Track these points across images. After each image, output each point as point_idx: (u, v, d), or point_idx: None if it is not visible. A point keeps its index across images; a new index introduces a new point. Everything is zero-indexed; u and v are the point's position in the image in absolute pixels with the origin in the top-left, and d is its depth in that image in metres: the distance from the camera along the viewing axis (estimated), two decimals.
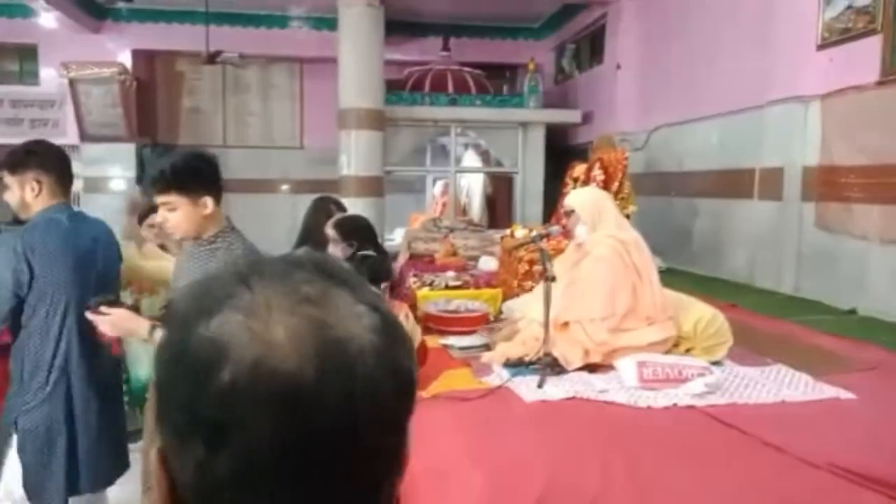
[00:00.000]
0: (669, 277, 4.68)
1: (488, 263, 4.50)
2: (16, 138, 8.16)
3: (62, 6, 7.20)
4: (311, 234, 3.24)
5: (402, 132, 7.25)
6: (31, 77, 8.38)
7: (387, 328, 0.47)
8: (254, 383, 0.42)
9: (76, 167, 7.56)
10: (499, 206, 8.07)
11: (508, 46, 8.86)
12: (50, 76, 8.18)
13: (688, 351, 2.75)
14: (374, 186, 6.63)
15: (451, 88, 7.42)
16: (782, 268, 4.43)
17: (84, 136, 8.08)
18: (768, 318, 3.67)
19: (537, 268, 3.26)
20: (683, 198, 5.69)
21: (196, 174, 1.90)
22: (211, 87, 9.16)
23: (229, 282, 0.47)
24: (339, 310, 0.46)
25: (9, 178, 2.18)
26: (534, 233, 3.06)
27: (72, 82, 7.84)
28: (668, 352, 2.66)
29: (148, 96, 8.68)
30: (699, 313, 2.82)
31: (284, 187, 9.13)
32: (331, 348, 0.44)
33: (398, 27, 7.42)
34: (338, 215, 3.18)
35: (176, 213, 1.88)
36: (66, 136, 8.17)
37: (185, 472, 0.45)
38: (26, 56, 8.36)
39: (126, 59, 8.23)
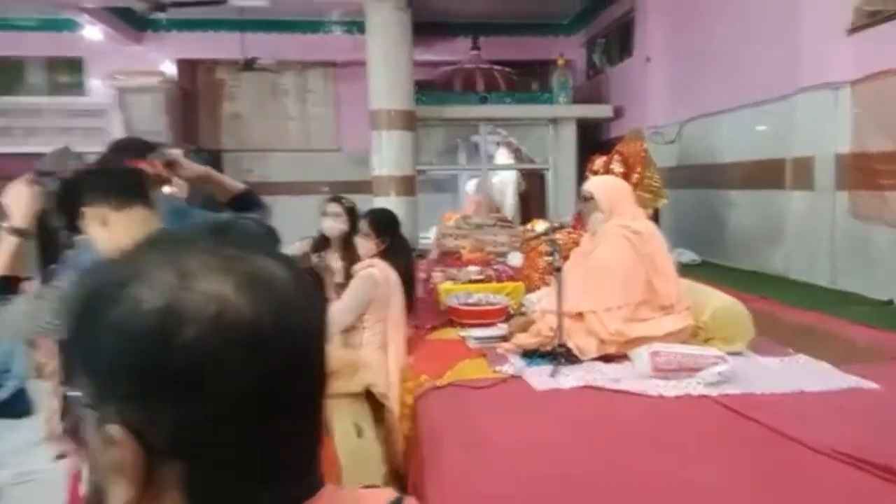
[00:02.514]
0: (703, 271, 4.64)
1: (515, 259, 4.54)
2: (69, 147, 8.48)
3: (105, 19, 7.52)
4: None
5: (434, 131, 7.34)
6: (79, 88, 8.77)
7: (298, 274, 0.53)
8: (218, 336, 0.46)
9: None
10: (531, 203, 8.08)
11: (538, 43, 8.85)
12: (97, 87, 8.55)
13: (706, 341, 2.74)
14: (406, 186, 6.72)
15: (480, 87, 7.47)
16: (817, 259, 4.34)
17: None
18: (798, 310, 3.60)
19: (553, 260, 3.27)
20: (715, 190, 5.60)
21: None
22: (250, 93, 9.42)
23: (147, 257, 0.50)
24: (262, 261, 0.51)
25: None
26: (550, 225, 3.09)
27: (119, 92, 8.19)
28: (685, 342, 2.66)
29: (190, 103, 8.99)
30: (717, 303, 2.80)
31: (324, 188, 9.29)
32: (273, 294, 0.49)
33: (427, 28, 7.50)
34: (369, 209, 3.26)
35: None
36: None
37: (162, 434, 0.46)
38: (74, 68, 8.76)
39: (167, 68, 8.54)
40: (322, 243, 3.43)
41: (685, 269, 3.55)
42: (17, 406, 4.52)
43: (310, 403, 0.53)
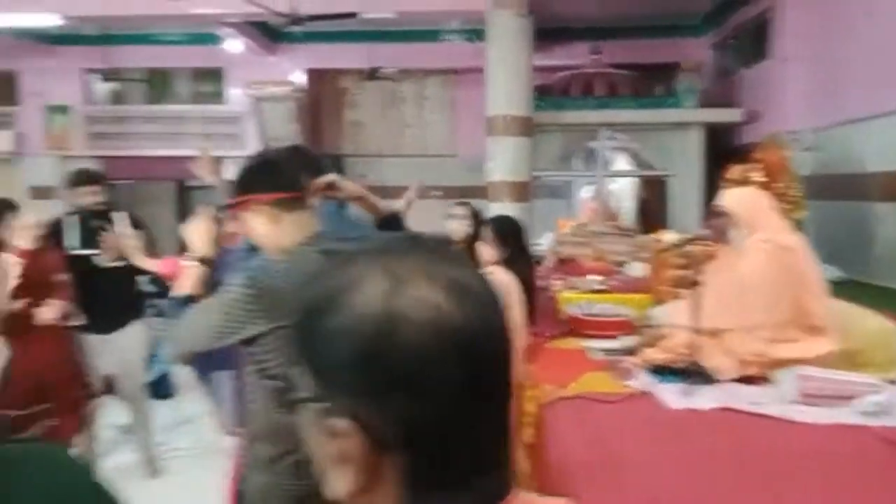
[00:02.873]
0: (850, 289, 4.27)
1: (637, 269, 4.40)
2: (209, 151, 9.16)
3: (245, 32, 8.08)
4: None
5: (551, 137, 7.27)
6: (219, 97, 9.48)
7: (485, 279, 0.57)
8: (434, 339, 0.50)
9: None
10: (651, 212, 7.80)
11: (663, 46, 8.54)
12: (235, 95, 9.19)
13: (857, 367, 2.52)
14: (521, 192, 6.70)
15: (600, 91, 7.32)
16: None
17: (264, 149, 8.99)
18: None
19: (686, 273, 3.14)
20: (860, 201, 5.15)
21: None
22: (371, 101, 9.77)
23: (359, 265, 0.54)
24: (458, 268, 0.55)
25: None
26: (683, 237, 2.96)
27: (255, 100, 8.77)
28: (833, 367, 2.46)
29: (316, 111, 9.46)
30: (870, 325, 2.57)
31: (437, 193, 9.45)
32: (474, 299, 0.53)
33: (546, 33, 7.44)
34: (494, 216, 3.29)
35: None
36: (247, 148, 9.13)
37: (386, 428, 0.51)
38: (215, 78, 9.48)
39: (297, 77, 9.04)
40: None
41: (830, 288, 3.28)
42: (162, 388, 4.93)
43: (506, 401, 0.56)
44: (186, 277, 1.75)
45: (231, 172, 2.69)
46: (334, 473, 0.53)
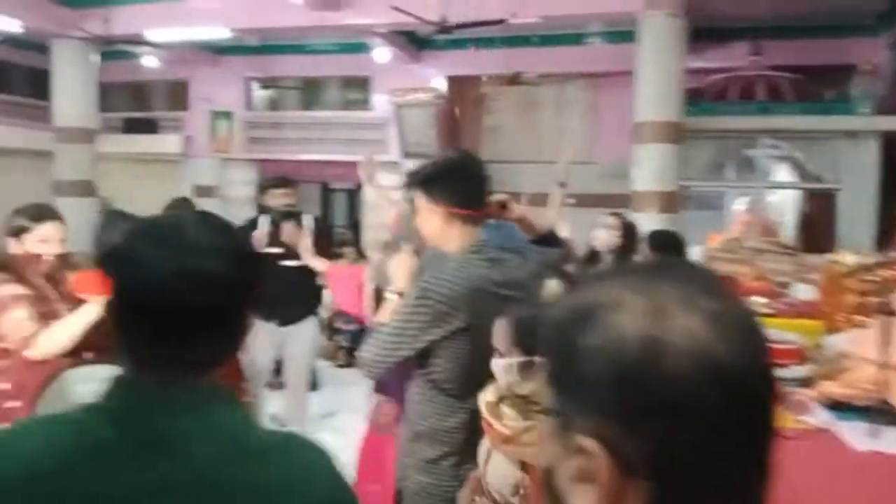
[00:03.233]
0: None
1: (804, 292, 3.99)
2: (352, 156, 9.65)
3: (392, 41, 8.35)
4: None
5: (702, 144, 6.84)
6: (365, 103, 9.88)
7: (748, 310, 0.55)
8: (695, 369, 0.49)
9: (396, 181, 8.50)
10: (816, 228, 7.09)
11: (833, 46, 7.74)
12: (380, 102, 9.53)
13: None
14: (667, 202, 6.35)
15: (761, 95, 6.78)
16: None
17: (404, 154, 9.24)
18: None
19: (871, 300, 2.79)
20: None
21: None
22: (509, 107, 9.73)
23: (619, 285, 0.54)
24: (722, 300, 0.53)
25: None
26: (870, 260, 2.62)
27: (398, 107, 9.04)
28: None
29: (456, 117, 9.58)
30: None
31: (571, 201, 9.22)
32: (738, 333, 0.51)
33: (700, 34, 7.02)
34: (655, 230, 3.12)
35: None
36: (389, 153, 9.45)
37: (637, 452, 0.50)
38: (363, 86, 9.90)
39: (439, 84, 9.21)
40: (592, 257, 3.35)
41: None
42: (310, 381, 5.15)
43: (766, 439, 0.53)
44: (386, 309, 1.82)
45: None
46: (575, 491, 0.52)
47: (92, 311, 2.07)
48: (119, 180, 9.64)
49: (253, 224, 3.80)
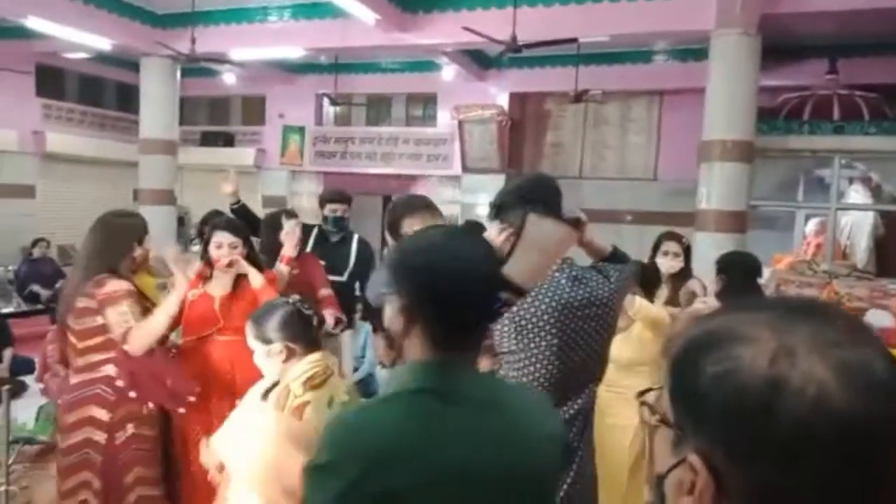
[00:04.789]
0: None
1: (880, 318, 3.89)
2: (415, 170, 9.83)
3: (459, 60, 8.53)
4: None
5: (773, 164, 6.72)
6: (430, 120, 10.11)
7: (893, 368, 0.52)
8: (812, 416, 0.49)
9: (456, 194, 8.63)
10: (891, 251, 6.84)
11: None
12: (444, 118, 9.73)
13: None
14: (735, 222, 6.24)
15: (836, 115, 6.61)
16: None
17: (465, 168, 9.40)
18: None
19: None
20: None
21: None
22: (573, 123, 9.78)
23: (750, 320, 0.55)
24: (861, 349, 0.52)
25: None
26: None
27: (460, 123, 9.21)
28: None
29: (517, 133, 9.68)
30: None
31: (629, 218, 9.15)
32: (871, 384, 0.50)
33: (774, 51, 6.91)
34: (730, 252, 3.11)
35: None
36: (451, 168, 9.63)
37: (738, 481, 0.51)
38: (429, 103, 10.13)
39: (503, 101, 9.33)
40: (651, 276, 3.34)
41: None
42: (368, 388, 5.30)
43: (886, 495, 0.51)
44: None
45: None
46: (675, 499, 0.55)
47: (170, 308, 2.27)
48: (196, 190, 10.15)
49: (308, 233, 3.80)
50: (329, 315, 3.10)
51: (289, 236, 3.06)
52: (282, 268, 2.97)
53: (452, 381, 1.01)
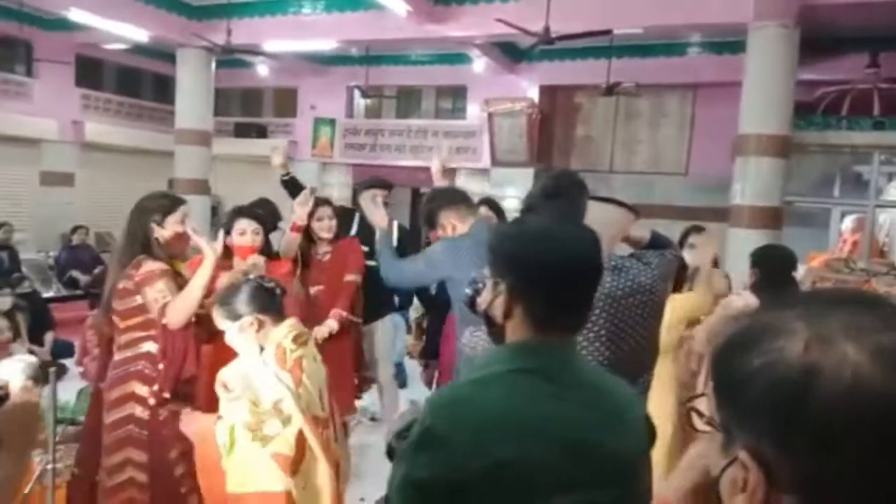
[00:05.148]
0: None
1: None
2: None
3: (490, 52, 8.52)
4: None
5: (809, 159, 6.61)
6: (460, 112, 10.11)
7: None
8: (851, 401, 0.49)
9: (484, 188, 8.64)
10: None
11: None
12: (474, 111, 9.73)
13: None
14: (769, 218, 6.15)
15: (876, 110, 6.47)
16: None
17: (494, 162, 9.39)
18: None
19: None
20: None
21: None
22: (604, 117, 9.69)
23: (789, 313, 0.55)
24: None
25: None
26: None
27: (490, 116, 9.19)
28: None
29: (547, 126, 9.63)
30: None
31: (663, 213, 9.04)
32: None
33: (813, 44, 6.77)
34: (765, 245, 3.07)
35: None
36: (480, 161, 9.63)
37: (786, 472, 0.52)
38: (458, 95, 10.13)
39: (533, 93, 9.29)
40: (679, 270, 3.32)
41: None
42: (397, 377, 5.34)
43: None
44: None
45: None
46: (730, 499, 0.56)
47: (204, 278, 2.32)
48: (229, 180, 10.30)
49: (349, 220, 3.86)
50: (334, 317, 3.24)
51: (301, 205, 3.12)
52: (290, 236, 3.09)
53: (558, 361, 1.06)
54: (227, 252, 2.71)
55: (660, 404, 2.33)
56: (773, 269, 2.80)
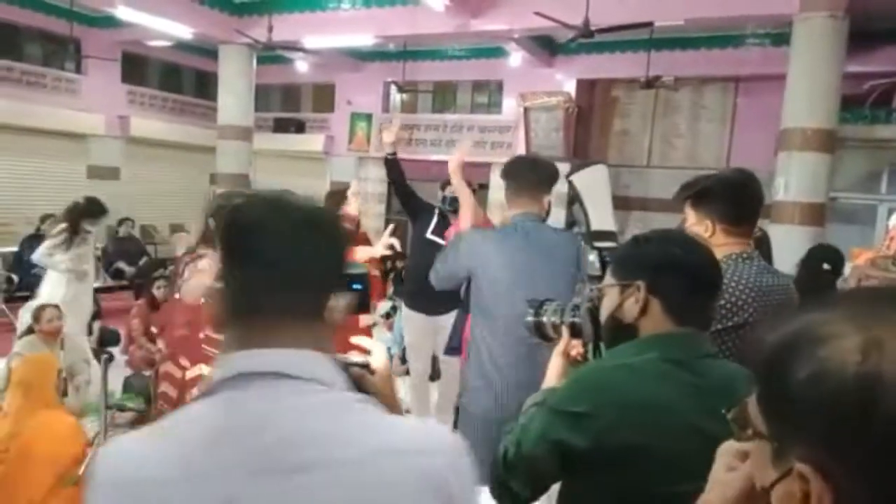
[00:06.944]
0: None
1: None
2: (478, 157, 9.81)
3: (527, 46, 8.47)
4: None
5: (855, 154, 6.44)
6: (495, 107, 10.09)
7: None
8: None
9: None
10: None
11: None
12: (509, 106, 9.70)
13: None
14: (813, 214, 6.01)
15: None
16: None
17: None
18: None
19: None
20: None
21: None
22: (642, 111, 9.58)
23: (836, 318, 0.52)
24: None
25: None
26: None
27: (525, 110, 9.16)
28: None
29: (584, 120, 9.55)
30: None
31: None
32: None
33: (861, 35, 6.58)
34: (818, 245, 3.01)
35: None
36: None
37: (850, 479, 0.49)
38: (494, 90, 10.11)
39: (570, 87, 9.22)
40: None
41: None
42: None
43: None
44: None
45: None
46: None
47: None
48: (269, 174, 10.48)
49: (429, 215, 3.90)
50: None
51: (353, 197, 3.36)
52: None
53: (697, 353, 1.17)
54: None
55: None
56: (812, 266, 2.77)
